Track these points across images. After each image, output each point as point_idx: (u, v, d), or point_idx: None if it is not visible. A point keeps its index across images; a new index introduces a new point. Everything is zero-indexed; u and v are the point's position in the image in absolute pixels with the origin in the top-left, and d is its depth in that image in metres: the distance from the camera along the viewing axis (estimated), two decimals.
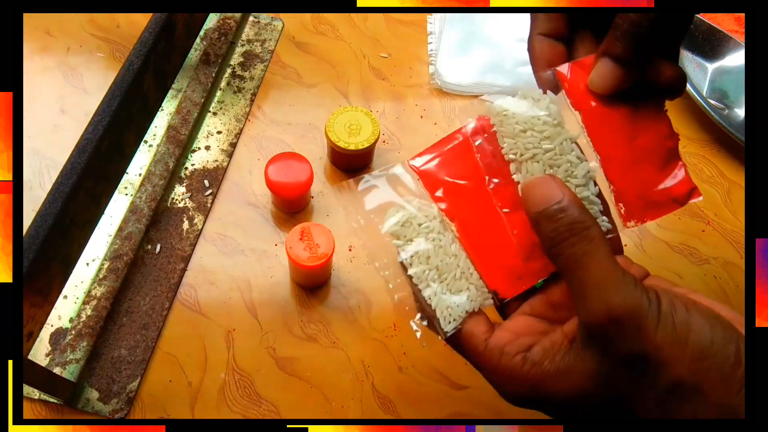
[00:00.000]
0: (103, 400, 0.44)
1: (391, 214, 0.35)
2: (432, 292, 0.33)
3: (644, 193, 0.35)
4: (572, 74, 0.35)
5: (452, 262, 0.34)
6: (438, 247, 0.34)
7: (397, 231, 0.35)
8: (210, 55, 0.59)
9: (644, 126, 0.36)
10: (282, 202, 0.51)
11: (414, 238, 0.34)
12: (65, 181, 0.37)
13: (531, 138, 0.34)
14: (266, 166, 0.49)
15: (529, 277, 0.33)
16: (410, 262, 0.34)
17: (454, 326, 0.32)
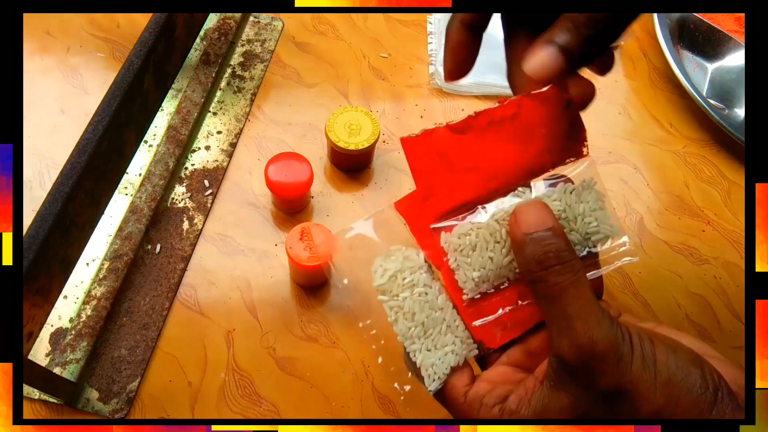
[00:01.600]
0: (103, 400, 0.44)
1: (377, 268, 0.34)
2: (417, 349, 0.33)
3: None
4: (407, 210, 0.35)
5: (438, 317, 0.33)
6: (424, 302, 0.33)
7: (383, 286, 0.34)
8: (210, 55, 0.59)
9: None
10: (282, 202, 0.51)
11: (400, 294, 0.34)
12: (65, 181, 0.37)
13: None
14: (266, 166, 0.49)
15: (515, 327, 0.33)
16: (395, 319, 0.33)
17: (438, 384, 0.32)
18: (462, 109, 0.60)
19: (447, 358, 0.33)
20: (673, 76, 0.61)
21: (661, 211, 0.56)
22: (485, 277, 0.33)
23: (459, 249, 0.33)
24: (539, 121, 0.34)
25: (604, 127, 0.61)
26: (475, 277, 0.33)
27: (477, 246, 0.33)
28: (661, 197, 0.57)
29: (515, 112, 0.34)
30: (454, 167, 0.34)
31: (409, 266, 0.34)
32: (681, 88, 0.61)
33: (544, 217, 0.30)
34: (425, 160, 0.33)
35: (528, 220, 0.30)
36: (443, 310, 0.33)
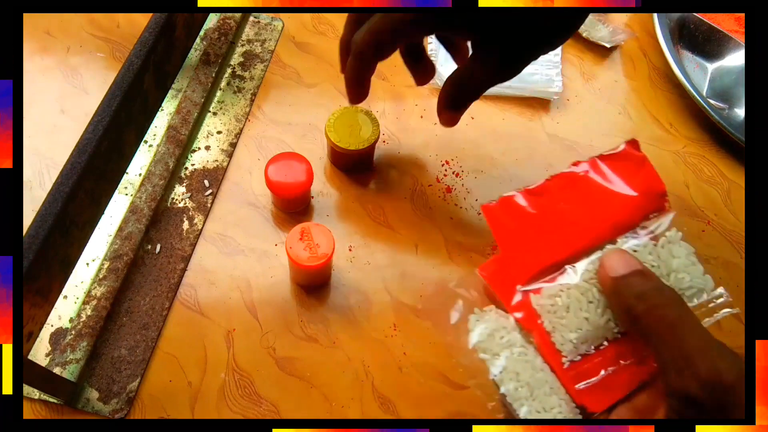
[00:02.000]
0: (103, 400, 0.44)
1: (473, 326, 0.34)
2: (527, 412, 0.32)
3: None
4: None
5: (541, 377, 0.33)
6: (525, 362, 0.33)
7: (482, 344, 0.34)
8: (210, 55, 0.59)
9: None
10: (282, 202, 0.51)
11: (500, 352, 0.33)
12: (65, 181, 0.37)
13: None
14: (266, 166, 0.49)
15: (618, 388, 0.32)
16: (501, 379, 0.33)
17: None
18: None
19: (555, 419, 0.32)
20: (673, 76, 0.61)
21: None
22: (583, 338, 0.33)
23: (552, 311, 0.33)
24: (617, 178, 0.34)
25: (604, 127, 0.61)
26: (573, 339, 0.32)
27: (570, 307, 0.33)
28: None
29: (590, 173, 0.35)
30: (536, 230, 0.34)
31: (503, 326, 0.34)
32: (681, 88, 0.61)
33: (629, 260, 0.30)
34: (507, 225, 0.34)
35: (614, 265, 0.30)
36: (544, 372, 0.33)
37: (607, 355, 0.33)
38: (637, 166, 0.34)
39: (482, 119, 0.60)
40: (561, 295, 0.33)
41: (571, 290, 0.33)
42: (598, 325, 0.33)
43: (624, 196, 0.34)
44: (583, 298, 0.33)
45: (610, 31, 0.66)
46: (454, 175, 0.56)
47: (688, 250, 0.34)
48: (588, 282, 0.33)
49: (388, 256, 0.51)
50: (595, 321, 0.32)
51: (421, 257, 0.52)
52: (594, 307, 0.32)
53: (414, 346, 0.48)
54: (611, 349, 0.33)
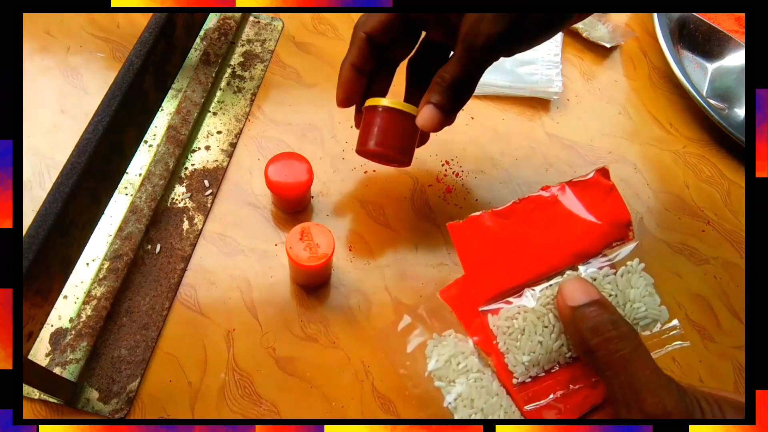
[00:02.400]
0: (103, 400, 0.44)
1: (431, 353, 0.35)
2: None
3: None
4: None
5: (495, 402, 0.34)
6: (480, 388, 0.34)
7: (438, 372, 0.35)
8: (210, 55, 0.59)
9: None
10: (282, 202, 0.51)
11: (455, 379, 0.34)
12: (65, 181, 0.37)
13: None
14: (266, 166, 0.49)
15: (571, 411, 0.33)
16: (455, 407, 0.34)
17: None
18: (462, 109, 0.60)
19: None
20: (673, 76, 0.62)
21: (661, 211, 0.56)
22: (535, 361, 0.33)
23: (508, 332, 0.34)
24: (583, 206, 0.35)
25: (604, 127, 0.61)
26: (525, 361, 0.33)
27: (525, 330, 0.33)
28: (661, 197, 0.57)
29: (558, 198, 0.35)
30: (500, 251, 0.35)
31: (461, 351, 0.35)
32: (681, 88, 0.61)
33: (588, 289, 0.31)
34: (472, 245, 0.35)
35: (573, 294, 0.31)
36: (499, 396, 0.34)
37: (558, 379, 0.34)
38: (604, 194, 0.35)
39: (482, 119, 0.60)
40: (518, 317, 0.34)
41: (528, 314, 0.33)
42: (550, 350, 0.33)
43: (589, 223, 0.35)
44: (539, 322, 0.33)
45: (610, 31, 0.66)
46: (454, 175, 0.56)
47: (647, 280, 0.34)
48: (545, 307, 0.33)
49: (388, 256, 0.51)
50: (548, 345, 0.33)
51: (421, 257, 0.52)
52: (548, 332, 0.33)
53: None
54: (562, 373, 0.34)
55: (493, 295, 0.35)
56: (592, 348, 0.30)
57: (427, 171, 0.56)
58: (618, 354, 0.29)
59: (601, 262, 0.35)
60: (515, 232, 0.35)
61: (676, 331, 0.35)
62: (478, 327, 0.35)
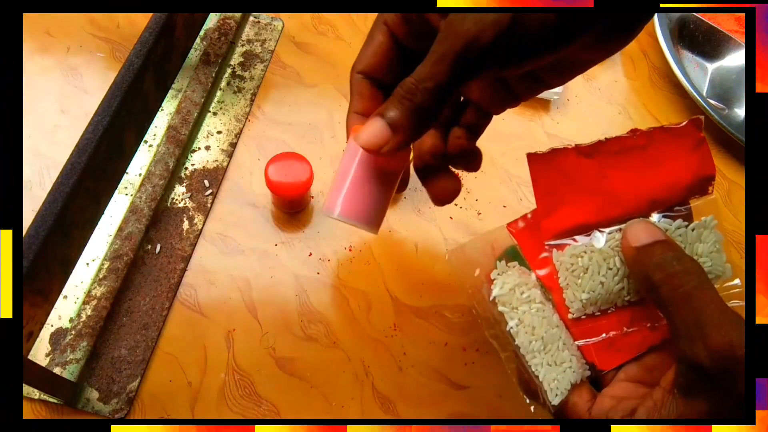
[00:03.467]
0: (103, 400, 0.44)
1: (495, 279, 0.35)
2: (538, 363, 0.34)
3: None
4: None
5: (555, 333, 0.34)
6: (542, 318, 0.34)
7: (502, 298, 0.35)
8: (210, 55, 0.59)
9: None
10: (282, 202, 0.51)
11: (518, 307, 0.35)
12: (65, 181, 0.37)
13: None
14: (266, 166, 0.49)
15: (628, 350, 0.33)
16: (517, 332, 0.34)
17: (561, 398, 0.33)
18: None
19: (566, 374, 0.33)
20: (673, 76, 0.61)
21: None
22: (593, 300, 0.34)
23: (571, 269, 0.34)
24: (669, 154, 0.34)
25: (604, 127, 0.61)
26: (583, 299, 0.34)
27: (589, 269, 0.34)
28: None
29: (646, 143, 0.34)
30: (576, 188, 0.34)
31: (524, 282, 0.35)
32: (681, 88, 0.61)
33: (653, 230, 0.31)
34: (549, 177, 0.34)
35: (638, 235, 0.31)
36: (559, 328, 0.34)
37: (614, 320, 0.34)
38: (694, 145, 0.34)
39: None
40: (583, 256, 0.34)
41: (594, 254, 0.34)
42: (611, 291, 0.33)
43: (672, 173, 0.34)
44: (603, 263, 0.33)
45: None
46: None
47: (717, 237, 0.34)
48: (612, 249, 0.33)
49: (388, 256, 0.51)
50: (609, 287, 0.33)
51: (421, 257, 0.52)
52: (612, 274, 0.33)
53: (414, 346, 0.48)
54: (619, 315, 0.34)
55: (562, 230, 0.34)
56: (655, 284, 0.29)
57: None
58: (682, 289, 0.28)
59: (675, 213, 0.34)
60: (595, 171, 0.34)
61: (737, 290, 0.34)
62: (541, 262, 0.35)
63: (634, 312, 0.34)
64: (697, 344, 0.27)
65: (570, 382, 0.33)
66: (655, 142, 0.34)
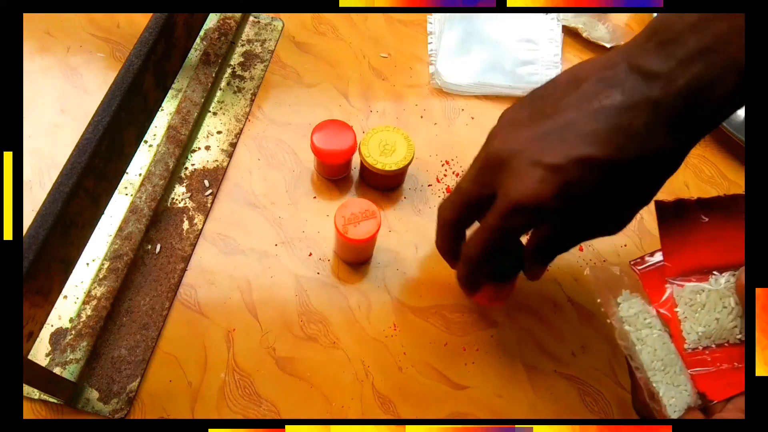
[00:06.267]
0: (103, 400, 0.44)
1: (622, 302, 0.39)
2: (659, 380, 0.37)
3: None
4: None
5: (674, 359, 0.37)
6: (663, 343, 0.38)
7: (629, 318, 0.38)
8: (210, 55, 0.59)
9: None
10: (325, 168, 0.53)
11: (642, 330, 0.38)
12: (65, 181, 0.37)
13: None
14: (312, 132, 0.51)
15: (738, 384, 0.36)
16: (641, 350, 0.38)
17: (678, 415, 0.36)
18: (462, 110, 0.60)
19: (683, 396, 0.36)
20: None
21: None
22: (708, 334, 0.37)
23: (689, 304, 0.38)
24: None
25: None
26: (700, 332, 0.37)
27: (706, 306, 0.37)
28: (661, 197, 0.57)
29: None
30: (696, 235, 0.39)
31: (647, 310, 0.39)
32: None
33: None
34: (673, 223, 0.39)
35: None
36: (676, 355, 0.37)
37: (726, 354, 0.37)
38: None
39: (482, 119, 0.60)
40: (701, 293, 0.38)
41: (711, 293, 0.37)
42: (725, 328, 0.37)
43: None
44: (719, 302, 0.37)
45: (610, 31, 0.66)
46: (454, 175, 0.56)
47: None
48: (728, 290, 0.37)
49: (388, 256, 0.51)
50: (723, 324, 0.37)
51: (421, 257, 0.52)
52: (726, 312, 0.37)
53: (414, 346, 0.48)
54: (731, 351, 0.37)
55: (683, 270, 0.39)
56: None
57: (427, 171, 0.56)
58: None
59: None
60: (713, 221, 0.39)
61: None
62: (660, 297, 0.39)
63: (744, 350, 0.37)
64: None
65: (687, 403, 0.36)
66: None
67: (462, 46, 0.63)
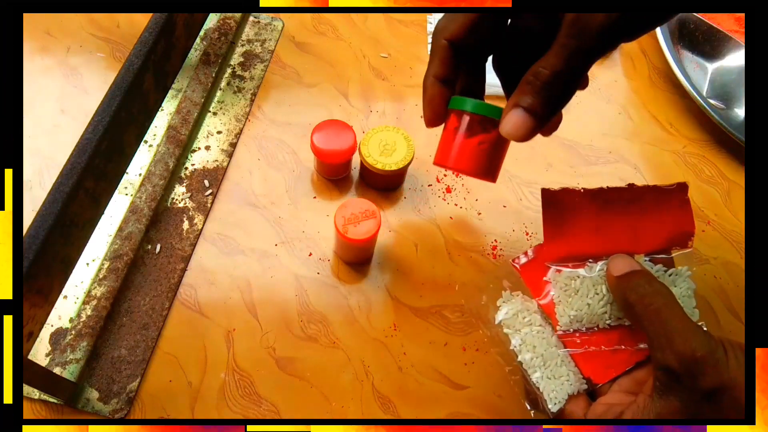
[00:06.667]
0: (103, 400, 0.44)
1: (501, 306, 0.42)
2: (539, 377, 0.39)
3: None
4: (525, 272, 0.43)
5: (554, 352, 0.40)
6: (542, 338, 0.40)
7: (507, 321, 0.41)
8: (210, 55, 0.59)
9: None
10: (325, 168, 0.53)
11: (521, 329, 0.41)
12: (65, 181, 0.37)
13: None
14: (312, 132, 0.51)
15: (617, 365, 0.39)
16: (520, 350, 0.40)
17: (559, 407, 0.38)
18: None
19: (564, 386, 0.39)
20: (673, 76, 0.61)
21: None
22: (579, 318, 0.40)
23: (564, 289, 0.40)
24: (659, 209, 0.40)
25: (604, 127, 0.61)
26: (571, 315, 0.40)
27: (579, 291, 0.40)
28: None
29: (640, 196, 0.41)
30: (578, 223, 0.41)
31: (526, 308, 0.41)
32: (681, 88, 0.61)
33: (631, 263, 0.37)
34: (557, 210, 0.40)
35: (619, 265, 0.37)
36: (557, 347, 0.40)
37: (594, 339, 0.40)
38: (679, 204, 0.40)
39: None
40: (576, 280, 0.40)
41: (585, 279, 0.40)
42: (595, 313, 0.39)
43: (658, 225, 0.41)
44: (592, 288, 0.40)
45: None
46: (454, 175, 0.56)
47: (689, 284, 0.40)
48: (601, 278, 0.40)
49: (388, 256, 0.51)
50: (594, 309, 0.39)
51: (421, 257, 0.52)
52: (598, 299, 0.39)
53: (414, 346, 0.48)
54: (599, 336, 0.40)
55: (562, 255, 0.41)
56: (631, 303, 0.35)
57: (427, 171, 0.56)
58: (652, 306, 0.34)
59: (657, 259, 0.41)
60: (595, 212, 0.41)
61: None
62: (541, 289, 0.41)
63: (621, 334, 0.39)
64: (666, 351, 0.33)
65: (567, 392, 0.38)
66: (647, 197, 0.40)
67: None
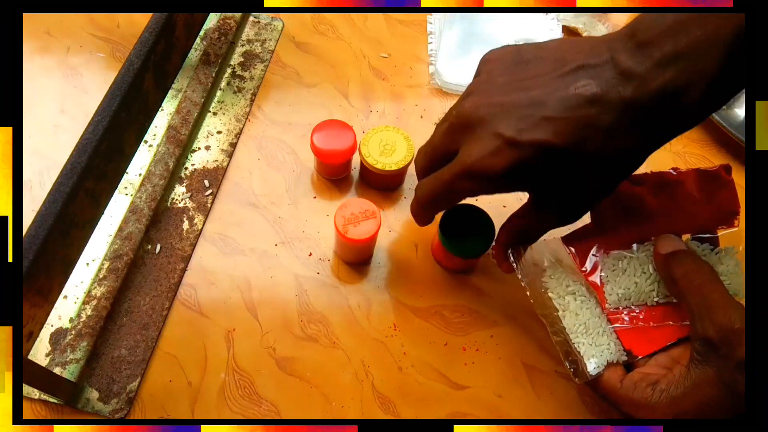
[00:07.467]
0: (103, 400, 0.44)
1: (548, 271, 0.43)
2: (580, 342, 0.40)
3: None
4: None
5: (597, 322, 0.41)
6: (586, 308, 0.41)
7: (554, 288, 0.42)
8: (210, 55, 0.59)
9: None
10: (325, 168, 0.53)
11: (565, 296, 0.42)
12: (65, 181, 0.37)
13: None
14: (312, 132, 0.51)
15: (659, 340, 0.40)
16: (564, 316, 0.41)
17: (598, 371, 0.39)
18: None
19: (604, 354, 0.40)
20: None
21: None
22: (627, 296, 0.41)
23: (612, 268, 0.42)
24: (704, 192, 0.42)
25: None
26: (620, 293, 0.41)
27: (626, 271, 0.42)
28: None
29: (684, 180, 0.42)
30: (624, 208, 0.42)
31: (573, 278, 0.43)
32: None
33: (677, 242, 0.39)
34: (605, 201, 0.40)
35: (665, 244, 0.39)
36: (600, 318, 0.41)
37: (642, 315, 0.41)
38: (723, 186, 0.42)
39: None
40: (624, 260, 0.42)
41: (633, 260, 0.42)
42: (642, 291, 0.41)
43: (703, 206, 0.42)
44: (639, 268, 0.41)
45: (610, 31, 0.66)
46: None
47: (736, 262, 0.41)
48: (648, 258, 0.41)
49: (388, 256, 0.51)
50: (641, 287, 0.41)
51: (421, 257, 0.52)
52: (645, 278, 0.41)
53: (414, 346, 0.48)
54: (648, 312, 0.41)
55: (610, 245, 0.42)
56: (676, 279, 0.37)
57: None
58: (695, 282, 0.36)
59: (704, 239, 0.42)
60: (641, 197, 0.42)
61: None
62: (588, 267, 0.43)
63: (664, 311, 0.41)
64: (706, 322, 0.34)
65: (607, 359, 0.39)
66: (691, 179, 0.42)
67: (462, 46, 0.63)
